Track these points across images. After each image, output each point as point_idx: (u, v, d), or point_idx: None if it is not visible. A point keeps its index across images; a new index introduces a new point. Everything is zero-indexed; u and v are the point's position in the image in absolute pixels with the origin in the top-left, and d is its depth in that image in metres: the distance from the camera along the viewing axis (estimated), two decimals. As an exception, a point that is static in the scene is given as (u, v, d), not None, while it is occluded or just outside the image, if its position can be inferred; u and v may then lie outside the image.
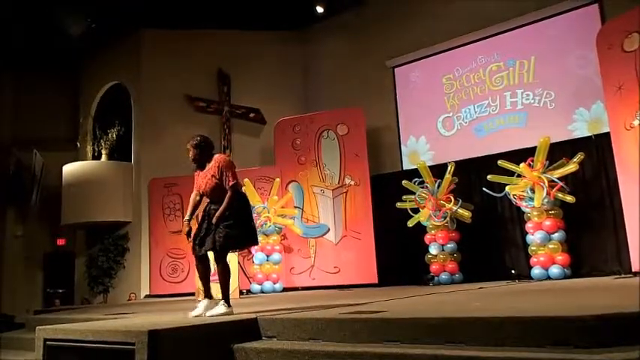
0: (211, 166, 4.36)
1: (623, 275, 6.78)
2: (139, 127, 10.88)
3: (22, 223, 11.74)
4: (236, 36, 11.35)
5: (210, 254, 4.38)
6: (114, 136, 10.83)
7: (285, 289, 9.25)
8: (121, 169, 10.91)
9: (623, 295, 4.14)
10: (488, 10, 9.13)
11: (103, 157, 11.00)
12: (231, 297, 7.95)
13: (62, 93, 12.27)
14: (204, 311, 4.22)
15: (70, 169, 10.97)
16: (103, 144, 10.93)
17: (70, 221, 10.79)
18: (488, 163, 8.43)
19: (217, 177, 4.30)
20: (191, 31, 11.02)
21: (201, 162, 4.41)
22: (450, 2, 9.68)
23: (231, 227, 4.25)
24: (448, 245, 8.41)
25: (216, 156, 4.42)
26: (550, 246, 7.41)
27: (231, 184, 4.27)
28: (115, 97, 11.61)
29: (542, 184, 7.40)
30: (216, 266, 4.38)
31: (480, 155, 8.93)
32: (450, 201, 8.33)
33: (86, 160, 11.35)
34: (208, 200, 4.42)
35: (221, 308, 4.20)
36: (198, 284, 7.54)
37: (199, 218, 4.45)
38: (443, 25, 9.64)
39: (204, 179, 4.39)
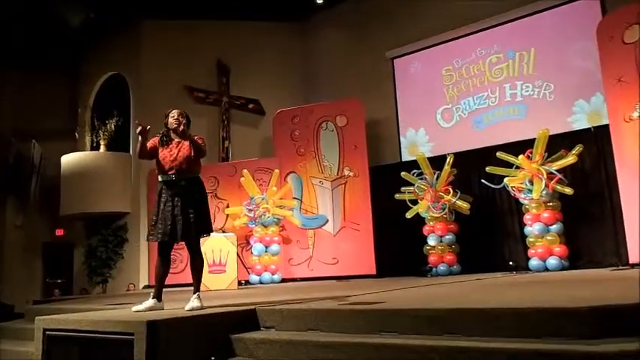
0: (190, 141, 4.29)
1: (620, 267, 6.81)
2: (137, 118, 10.79)
3: (22, 213, 11.73)
4: (235, 27, 11.31)
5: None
6: (112, 126, 10.81)
7: (283, 280, 9.27)
8: (120, 160, 10.90)
9: (620, 287, 4.16)
10: (489, 1, 9.09)
11: (102, 148, 10.97)
12: (229, 288, 8.00)
13: (61, 83, 12.22)
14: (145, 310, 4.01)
15: (68, 159, 10.96)
16: (101, 134, 10.90)
17: (69, 212, 10.79)
18: (487, 154, 8.42)
19: (194, 151, 4.26)
20: (190, 22, 10.97)
21: (183, 135, 4.31)
22: (450, -7, 9.64)
23: (202, 211, 4.20)
24: (446, 237, 8.42)
25: (195, 135, 4.40)
26: (548, 238, 7.43)
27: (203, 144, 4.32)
28: (113, 88, 11.57)
29: (540, 176, 7.40)
30: (192, 256, 4.23)
31: (479, 147, 8.91)
32: (449, 192, 8.34)
33: (85, 150, 11.34)
34: (171, 177, 4.21)
35: (196, 302, 4.02)
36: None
37: (159, 203, 4.20)
38: (443, 17, 9.59)
39: (180, 150, 4.25)
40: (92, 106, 11.79)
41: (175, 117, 4.37)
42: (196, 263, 4.26)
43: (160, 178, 4.29)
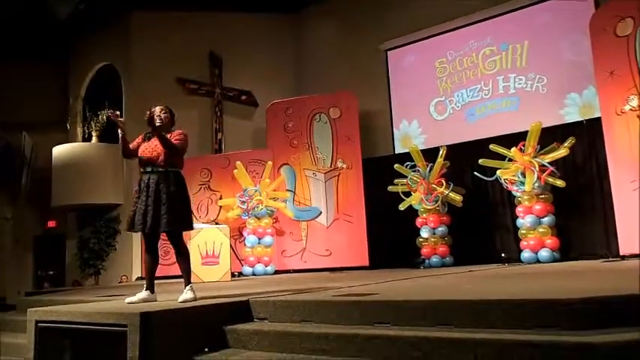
0: (172, 135, 4.29)
1: (610, 259, 6.87)
2: (129, 109, 10.77)
3: (12, 205, 11.66)
4: (228, 18, 11.22)
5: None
6: (104, 117, 10.72)
7: (276, 272, 9.27)
8: (112, 151, 10.81)
9: (611, 279, 4.20)
10: (482, -7, 9.09)
11: (94, 139, 10.90)
12: (222, 279, 7.99)
13: (51, 74, 12.09)
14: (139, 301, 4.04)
15: (60, 150, 10.87)
16: (93, 126, 10.82)
17: (61, 203, 10.72)
18: (480, 147, 8.43)
19: (162, 147, 4.23)
20: (182, 13, 10.87)
21: (165, 129, 4.29)
22: (443, -15, 9.61)
23: (177, 205, 4.15)
24: (439, 229, 8.46)
25: (178, 130, 4.38)
26: (540, 230, 7.48)
27: (180, 141, 4.26)
28: (105, 79, 11.48)
29: (533, 168, 7.44)
30: (174, 250, 4.22)
31: (471, 139, 8.93)
32: (442, 185, 8.36)
33: (76, 141, 11.25)
34: (148, 169, 4.24)
35: (189, 294, 4.02)
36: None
37: (137, 192, 4.24)
38: (436, 8, 9.56)
39: (159, 144, 4.22)
40: (83, 97, 11.68)
41: (157, 113, 4.31)
42: (179, 257, 4.24)
43: (140, 170, 4.31)
